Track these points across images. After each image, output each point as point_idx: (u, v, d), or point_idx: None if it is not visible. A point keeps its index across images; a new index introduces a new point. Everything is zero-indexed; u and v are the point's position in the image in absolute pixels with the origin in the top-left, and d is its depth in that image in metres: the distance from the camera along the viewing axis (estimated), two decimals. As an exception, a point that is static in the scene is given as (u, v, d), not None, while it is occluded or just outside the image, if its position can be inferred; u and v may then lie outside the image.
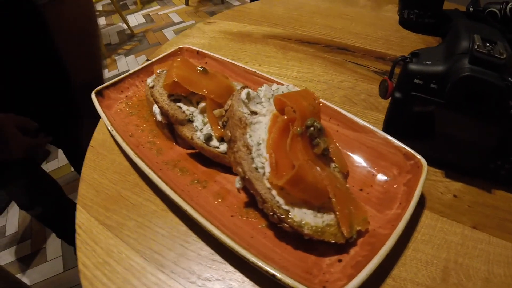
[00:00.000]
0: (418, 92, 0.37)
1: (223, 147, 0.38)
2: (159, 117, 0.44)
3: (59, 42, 0.60)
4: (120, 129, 0.45)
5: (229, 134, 0.35)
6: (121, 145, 0.41)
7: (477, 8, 0.59)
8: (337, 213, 0.30)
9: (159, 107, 0.42)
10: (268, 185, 0.32)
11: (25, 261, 1.25)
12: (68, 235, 1.10)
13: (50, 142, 0.89)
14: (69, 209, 1.02)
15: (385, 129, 0.41)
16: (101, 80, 0.68)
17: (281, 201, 0.31)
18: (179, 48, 0.57)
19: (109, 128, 0.44)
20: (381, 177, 0.38)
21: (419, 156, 0.36)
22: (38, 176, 0.92)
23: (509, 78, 0.32)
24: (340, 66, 0.57)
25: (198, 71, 0.42)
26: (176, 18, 2.94)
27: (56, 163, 1.64)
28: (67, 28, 0.58)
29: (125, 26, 2.76)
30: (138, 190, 0.41)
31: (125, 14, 3.01)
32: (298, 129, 0.33)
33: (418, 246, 0.34)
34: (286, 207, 0.31)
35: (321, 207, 0.32)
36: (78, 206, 0.41)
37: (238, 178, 0.34)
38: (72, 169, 1.57)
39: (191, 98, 0.42)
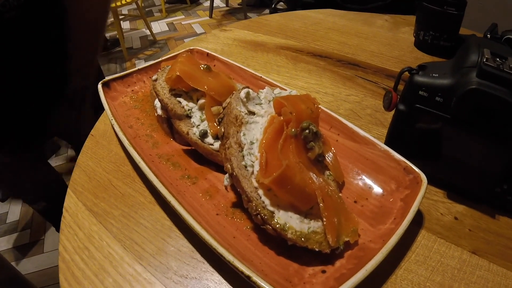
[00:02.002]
0: (422, 105, 0.36)
1: (217, 144, 0.38)
2: (159, 111, 0.44)
3: (71, 28, 0.62)
4: (120, 120, 0.45)
5: (223, 130, 0.34)
6: (118, 134, 0.41)
7: (495, 35, 0.58)
8: (324, 219, 0.29)
9: (159, 100, 0.42)
10: (256, 184, 0.31)
11: (22, 250, 1.25)
12: None
13: (60, 137, 0.91)
14: None
15: (387, 143, 0.39)
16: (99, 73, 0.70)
17: (266, 201, 0.30)
18: (190, 49, 0.58)
19: (109, 117, 0.44)
20: (377, 190, 0.36)
21: (419, 171, 0.34)
22: (44, 171, 0.93)
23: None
24: (349, 80, 0.57)
25: (202, 68, 0.42)
26: (198, 29, 3.01)
27: (65, 158, 1.67)
28: (81, 15, 0.60)
29: (148, 32, 2.86)
30: (129, 181, 0.41)
31: (150, 20, 3.11)
32: (293, 130, 0.32)
33: (411, 266, 0.32)
34: (271, 208, 0.29)
35: (309, 213, 0.31)
36: (68, 190, 0.41)
37: (226, 175, 0.33)
38: None
39: (191, 94, 0.42)
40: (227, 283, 0.30)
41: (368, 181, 0.37)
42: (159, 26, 3.14)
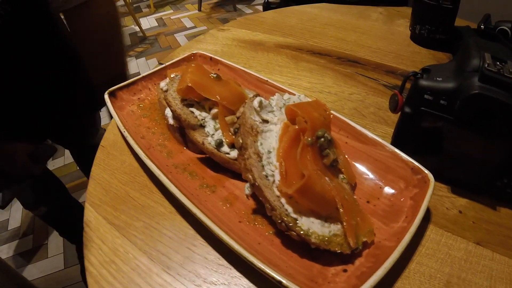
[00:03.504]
0: (427, 108, 0.38)
1: (234, 153, 0.39)
2: (171, 121, 0.45)
3: (83, 46, 0.61)
4: (131, 130, 0.46)
5: (241, 141, 0.35)
6: (133, 147, 0.42)
7: (488, 26, 0.60)
8: (344, 223, 0.31)
9: (172, 111, 0.43)
10: (277, 193, 0.32)
11: (26, 256, 1.25)
12: (71, 234, 1.11)
13: (58, 142, 0.90)
14: (73, 208, 1.03)
15: (393, 143, 0.42)
16: (124, 78, 0.69)
17: (289, 209, 0.31)
18: (193, 53, 0.59)
19: (121, 129, 0.45)
20: (388, 190, 0.38)
21: (426, 171, 0.37)
22: (43, 176, 0.93)
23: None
24: (350, 78, 0.58)
25: (212, 77, 0.43)
26: (188, 23, 2.98)
27: (62, 161, 1.66)
28: (91, 33, 0.59)
29: (137, 28, 2.81)
30: (147, 191, 0.42)
31: (138, 16, 3.07)
32: (309, 139, 0.34)
33: (422, 259, 0.34)
34: (294, 216, 0.31)
35: (328, 217, 0.33)
36: (86, 204, 0.42)
37: (247, 184, 0.35)
38: (78, 168, 1.59)
39: (203, 104, 0.43)
40: (255, 287, 0.32)
41: (378, 181, 0.39)
42: (148, 22, 3.09)
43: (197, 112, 0.42)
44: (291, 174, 0.33)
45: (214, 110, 0.41)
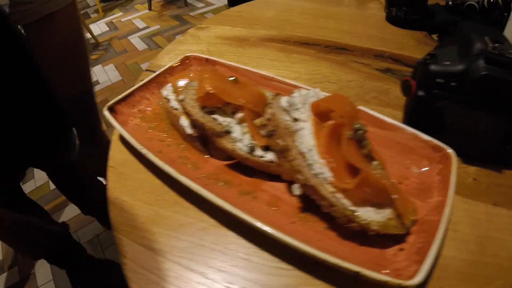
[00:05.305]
0: (439, 90, 0.41)
1: (268, 156, 0.39)
2: (189, 130, 0.43)
3: (46, 62, 0.55)
4: (147, 146, 0.43)
5: (282, 143, 0.35)
6: (157, 164, 0.40)
7: (456, 1, 0.66)
8: (399, 206, 0.33)
9: (193, 120, 0.41)
10: (331, 190, 0.33)
11: None
12: (59, 260, 1.02)
13: (33, 165, 0.82)
14: (58, 233, 0.95)
15: (407, 125, 0.44)
16: (91, 95, 0.64)
17: (347, 203, 0.33)
18: (186, 56, 0.56)
19: (136, 146, 0.42)
20: (414, 169, 0.41)
21: (446, 147, 0.40)
22: (23, 207, 0.84)
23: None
24: (344, 66, 0.60)
25: (230, 81, 0.42)
26: (140, 24, 2.88)
27: (33, 183, 1.52)
28: (54, 48, 0.54)
29: (88, 35, 2.62)
30: (179, 208, 0.40)
31: (88, 23, 2.87)
32: (349, 133, 0.35)
33: (455, 226, 0.38)
34: (352, 208, 0.33)
35: (379, 203, 0.34)
36: (115, 234, 0.38)
37: (295, 185, 0.35)
38: (51, 188, 1.45)
39: (225, 109, 0.42)
40: (323, 283, 0.33)
41: (404, 163, 0.42)
42: (98, 27, 2.91)
43: (220, 119, 0.41)
44: (339, 169, 0.34)
45: (239, 115, 0.41)
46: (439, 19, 0.66)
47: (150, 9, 3.12)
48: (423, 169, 0.41)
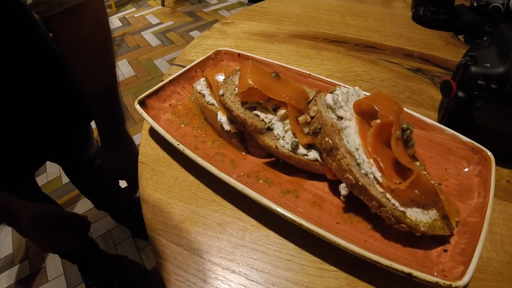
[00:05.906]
0: (480, 92, 0.41)
1: (312, 154, 0.39)
2: (227, 127, 0.43)
3: (71, 55, 0.55)
4: (181, 141, 0.42)
5: (329, 141, 0.35)
6: (196, 160, 0.39)
7: (480, 3, 0.65)
8: (446, 207, 0.33)
9: (233, 116, 0.41)
10: (381, 190, 0.33)
11: (25, 283, 1.15)
12: (72, 255, 1.02)
13: (50, 160, 0.82)
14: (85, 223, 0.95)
15: (444, 125, 0.44)
16: (116, 90, 0.64)
17: (396, 203, 0.32)
18: (218, 51, 0.56)
19: (172, 142, 0.41)
20: (454, 170, 0.41)
21: (485, 150, 0.39)
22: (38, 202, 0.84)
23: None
24: (375, 64, 0.60)
25: (272, 76, 0.41)
26: (153, 20, 2.88)
27: (45, 177, 1.52)
28: (80, 41, 0.53)
29: None
30: (217, 207, 0.39)
31: None
32: (398, 132, 0.35)
33: (492, 228, 0.37)
34: (402, 209, 0.32)
35: (425, 204, 0.34)
36: (149, 233, 0.38)
37: (343, 185, 0.35)
38: (64, 182, 1.46)
39: (266, 105, 0.41)
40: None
41: (443, 164, 0.42)
42: (111, 23, 2.87)
43: (262, 115, 0.41)
44: (387, 168, 0.34)
45: (282, 111, 0.40)
46: (465, 20, 0.65)
47: (163, 5, 3.10)
48: (463, 170, 0.41)
